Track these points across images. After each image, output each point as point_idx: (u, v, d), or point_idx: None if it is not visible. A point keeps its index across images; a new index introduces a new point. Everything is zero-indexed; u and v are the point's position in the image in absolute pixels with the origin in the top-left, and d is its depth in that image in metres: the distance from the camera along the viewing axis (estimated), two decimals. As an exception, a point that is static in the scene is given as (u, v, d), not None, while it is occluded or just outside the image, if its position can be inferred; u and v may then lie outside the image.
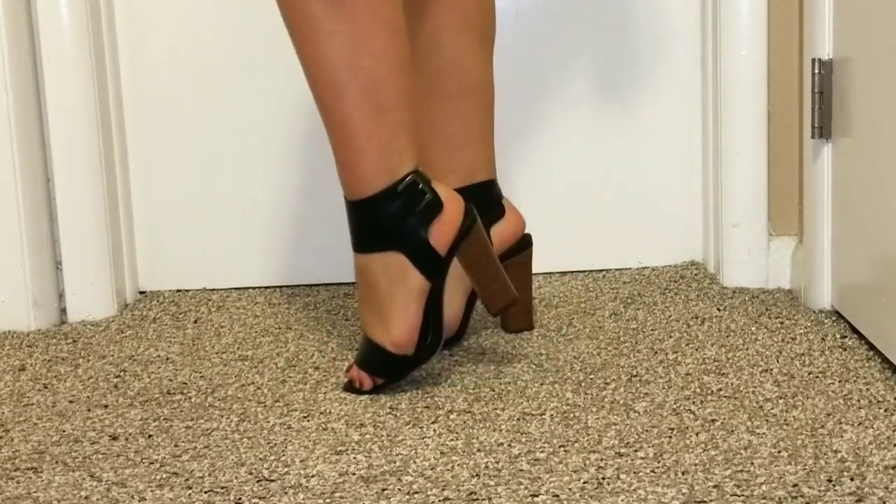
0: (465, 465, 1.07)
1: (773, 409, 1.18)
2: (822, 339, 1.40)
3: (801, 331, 1.44)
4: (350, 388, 1.29)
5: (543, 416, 1.19)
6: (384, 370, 1.27)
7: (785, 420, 1.15)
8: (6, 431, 1.22)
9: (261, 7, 1.73)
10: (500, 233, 1.40)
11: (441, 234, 1.25)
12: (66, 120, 1.62)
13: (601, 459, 1.07)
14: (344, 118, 1.22)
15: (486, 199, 1.39)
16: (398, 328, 1.25)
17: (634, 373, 1.31)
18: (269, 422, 1.21)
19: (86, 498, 1.04)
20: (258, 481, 1.06)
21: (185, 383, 1.35)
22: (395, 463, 1.09)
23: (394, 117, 1.22)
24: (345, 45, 1.19)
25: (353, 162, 1.23)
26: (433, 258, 1.25)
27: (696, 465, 1.05)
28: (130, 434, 1.19)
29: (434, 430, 1.16)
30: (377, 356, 1.26)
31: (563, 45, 1.74)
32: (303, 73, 1.74)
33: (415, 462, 1.08)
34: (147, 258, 1.79)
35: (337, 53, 1.20)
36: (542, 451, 1.10)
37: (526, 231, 1.46)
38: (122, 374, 1.40)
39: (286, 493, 1.03)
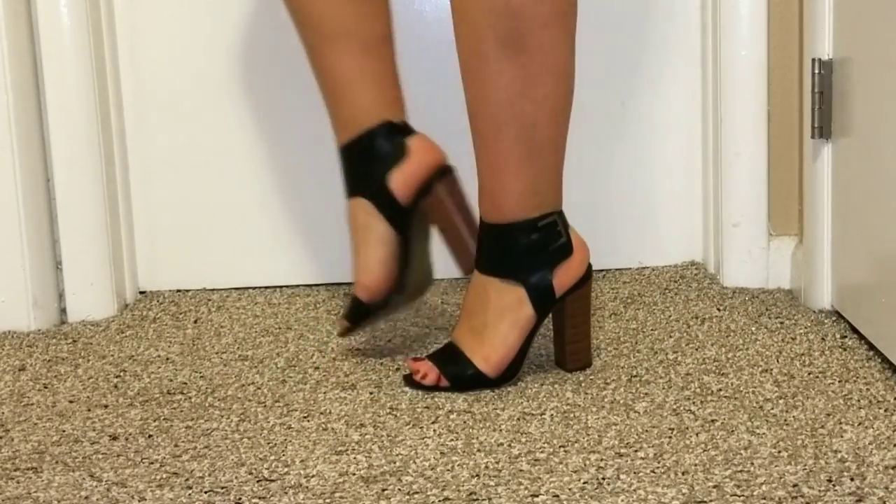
0: (465, 465, 1.07)
1: (773, 409, 1.18)
2: (822, 339, 1.40)
3: (801, 331, 1.44)
4: (409, 379, 1.30)
5: (543, 416, 1.19)
6: (459, 379, 1.28)
7: (785, 420, 1.15)
8: (6, 431, 1.22)
9: (261, 7, 1.73)
10: (400, 178, 1.35)
11: (564, 277, 1.28)
12: (66, 120, 1.62)
13: (601, 459, 1.07)
14: (497, 155, 1.25)
15: (376, 147, 1.35)
16: (496, 351, 1.27)
17: (634, 373, 1.31)
18: (269, 422, 1.21)
19: (86, 498, 1.04)
20: (258, 481, 1.06)
21: (185, 383, 1.35)
22: (395, 463, 1.09)
23: (544, 161, 1.26)
24: (511, 86, 1.22)
25: (496, 194, 1.27)
26: (550, 298, 1.28)
27: (696, 465, 1.05)
28: (130, 434, 1.19)
29: (434, 430, 1.16)
30: (460, 365, 1.28)
31: (563, 45, 1.74)
32: (306, 73, 1.74)
33: (415, 462, 1.08)
34: (147, 258, 1.79)
35: (501, 93, 1.23)
36: (542, 451, 1.10)
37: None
38: (122, 374, 1.40)
39: (286, 493, 1.03)
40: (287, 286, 1.78)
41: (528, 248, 1.26)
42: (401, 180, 1.33)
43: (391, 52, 1.37)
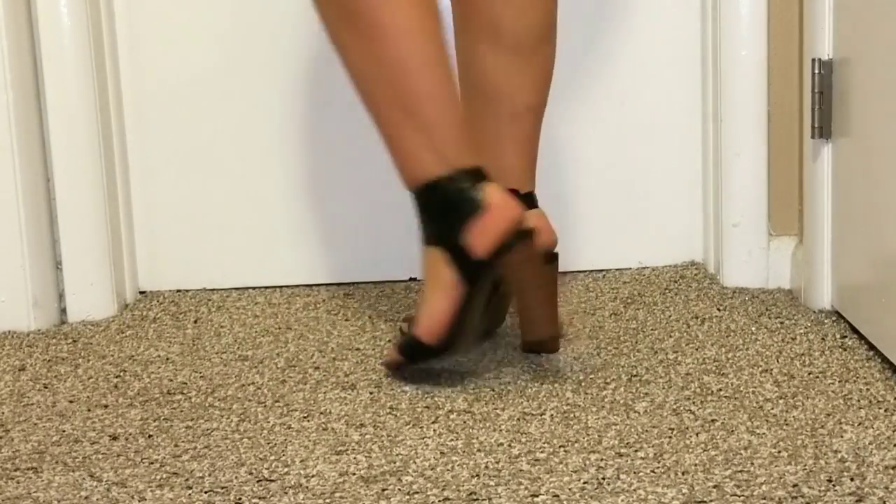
0: (465, 465, 1.07)
1: (773, 409, 1.18)
2: (822, 339, 1.40)
3: (801, 331, 1.44)
4: (388, 363, 1.34)
5: (543, 416, 1.19)
6: (403, 349, 1.30)
7: (785, 420, 1.15)
8: (6, 431, 1.22)
9: (261, 7, 1.73)
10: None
11: (479, 236, 1.24)
12: (66, 120, 1.62)
13: (601, 459, 1.07)
14: (379, 122, 1.26)
15: None
16: (424, 318, 1.26)
17: (634, 373, 1.31)
18: (269, 422, 1.21)
19: (86, 498, 1.04)
20: (258, 481, 1.06)
21: (185, 383, 1.35)
22: (395, 463, 1.08)
23: (426, 119, 1.24)
24: (361, 56, 1.22)
25: (395, 161, 1.27)
26: (468, 260, 1.25)
27: (696, 465, 1.05)
28: (130, 434, 1.19)
29: (434, 430, 1.16)
30: (406, 336, 1.31)
31: (564, 45, 1.74)
32: (301, 73, 1.74)
33: (415, 462, 1.08)
34: (147, 258, 1.79)
35: (357, 65, 1.23)
36: (542, 451, 1.10)
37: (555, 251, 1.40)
38: (122, 374, 1.40)
39: (286, 493, 1.03)
40: (287, 286, 1.78)
41: (433, 211, 1.25)
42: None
43: (537, 121, 1.39)
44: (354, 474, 1.06)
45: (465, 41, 1.36)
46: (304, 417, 1.22)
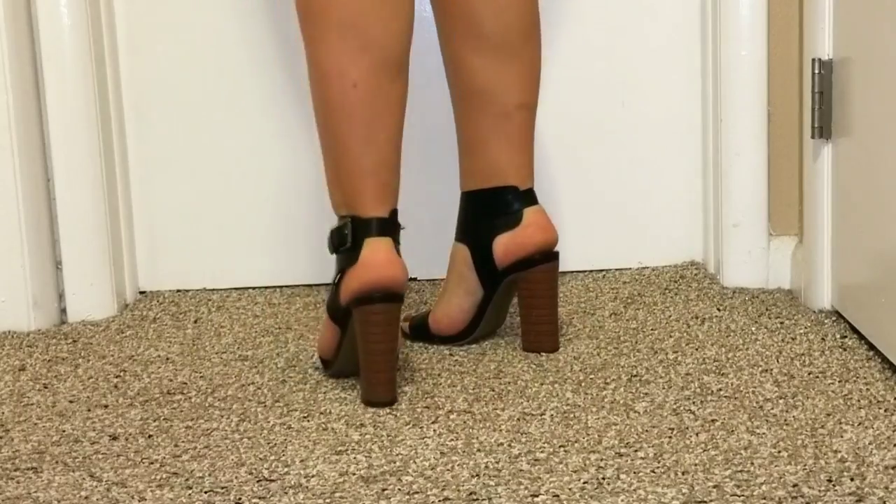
0: (465, 465, 1.07)
1: (773, 409, 1.18)
2: (822, 339, 1.40)
3: (801, 331, 1.44)
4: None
5: (543, 416, 1.19)
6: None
7: (785, 420, 1.15)
8: (6, 431, 1.22)
9: (261, 7, 1.73)
10: (504, 243, 1.38)
11: (343, 287, 1.26)
12: (66, 120, 1.62)
13: (601, 459, 1.07)
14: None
15: (494, 206, 1.39)
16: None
17: (634, 373, 1.31)
18: (269, 422, 1.21)
19: (86, 498, 1.04)
20: (258, 481, 1.06)
21: (185, 383, 1.35)
22: (395, 463, 1.09)
23: (333, 159, 1.28)
24: (312, 86, 1.28)
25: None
26: (337, 304, 1.27)
27: (696, 465, 1.05)
28: (130, 434, 1.19)
29: (434, 430, 1.16)
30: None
31: (563, 45, 1.74)
32: (301, 74, 1.74)
33: (415, 462, 1.08)
34: (147, 258, 1.79)
35: (312, 92, 1.29)
36: (542, 451, 1.10)
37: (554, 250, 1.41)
38: (122, 374, 1.40)
39: (286, 493, 1.03)
40: (287, 286, 1.78)
41: (333, 249, 1.29)
42: (505, 246, 1.38)
43: (530, 119, 1.40)
44: (354, 474, 1.06)
45: (450, 44, 1.38)
46: (304, 417, 1.22)
